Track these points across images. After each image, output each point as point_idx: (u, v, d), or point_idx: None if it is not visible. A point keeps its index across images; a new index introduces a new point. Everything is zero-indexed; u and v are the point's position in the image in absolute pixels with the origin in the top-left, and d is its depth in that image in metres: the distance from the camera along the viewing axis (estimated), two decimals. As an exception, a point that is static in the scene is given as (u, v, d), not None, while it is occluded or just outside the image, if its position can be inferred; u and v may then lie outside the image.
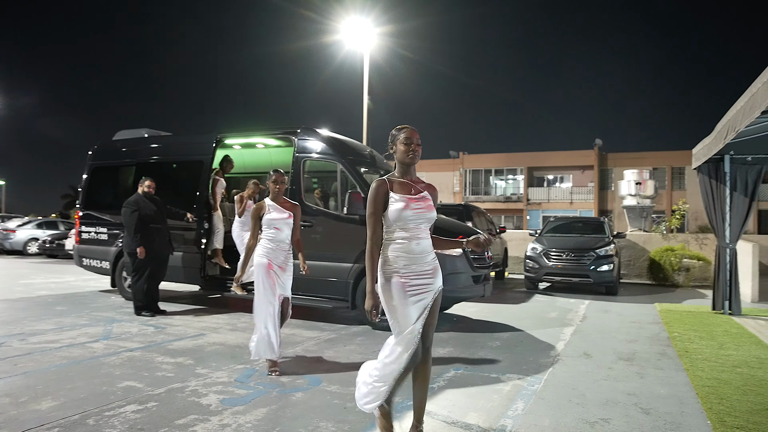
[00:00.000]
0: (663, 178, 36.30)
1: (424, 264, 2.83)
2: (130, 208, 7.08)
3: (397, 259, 2.79)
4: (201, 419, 3.37)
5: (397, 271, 2.78)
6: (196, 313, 7.48)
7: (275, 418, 3.42)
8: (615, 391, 4.14)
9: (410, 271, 2.79)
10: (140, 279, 7.11)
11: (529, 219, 38.96)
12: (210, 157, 8.03)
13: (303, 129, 7.34)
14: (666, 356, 5.33)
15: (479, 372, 4.65)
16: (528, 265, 11.05)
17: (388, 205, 2.81)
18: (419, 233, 2.83)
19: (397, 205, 2.79)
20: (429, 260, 2.87)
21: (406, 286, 2.77)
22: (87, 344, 5.39)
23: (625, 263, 13.21)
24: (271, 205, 4.62)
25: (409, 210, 2.79)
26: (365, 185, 6.78)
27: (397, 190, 2.85)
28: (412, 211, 2.79)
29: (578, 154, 39.07)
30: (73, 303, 8.13)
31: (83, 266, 9.19)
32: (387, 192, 2.83)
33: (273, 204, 4.63)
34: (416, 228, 2.82)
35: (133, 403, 3.64)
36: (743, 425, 3.36)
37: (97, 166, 9.42)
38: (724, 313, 7.77)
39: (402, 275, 2.77)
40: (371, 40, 18.44)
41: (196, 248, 7.88)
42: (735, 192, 7.63)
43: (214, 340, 5.74)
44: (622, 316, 7.91)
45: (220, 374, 4.40)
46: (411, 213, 2.79)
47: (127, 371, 4.43)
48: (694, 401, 3.90)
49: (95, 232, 8.97)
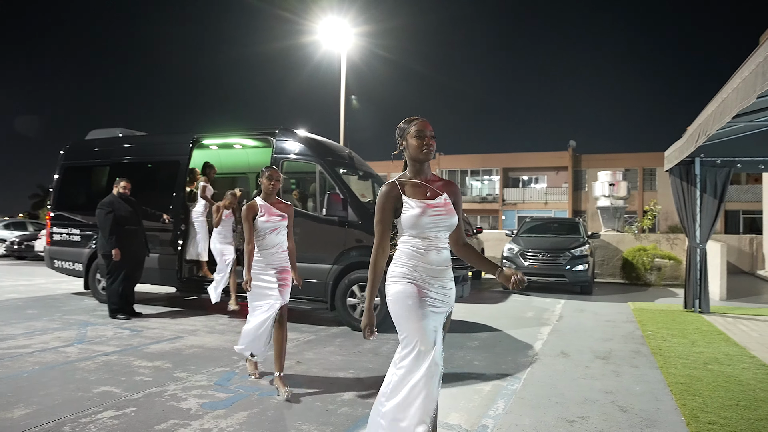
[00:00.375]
0: (635, 180, 37.04)
1: (444, 278, 2.47)
2: (105, 209, 6.95)
3: (415, 268, 2.42)
4: (181, 424, 3.33)
5: (415, 279, 2.42)
6: (173, 315, 7.38)
7: (257, 422, 3.40)
8: (593, 389, 4.22)
9: (429, 284, 2.43)
10: (115, 281, 6.98)
11: (505, 219, 39.37)
12: (186, 157, 7.92)
13: (281, 130, 7.30)
14: (640, 354, 5.44)
15: (459, 372, 4.69)
16: (505, 266, 11.14)
17: (401, 211, 2.45)
18: (438, 242, 2.46)
19: (413, 211, 2.42)
20: (449, 275, 2.50)
21: (425, 296, 2.41)
22: (60, 349, 5.27)
23: (599, 263, 13.44)
24: (262, 205, 4.20)
25: (426, 217, 2.42)
26: (344, 186, 6.78)
27: (411, 193, 2.47)
28: (430, 217, 2.42)
29: (553, 155, 39.63)
30: (44, 306, 7.94)
31: (54, 268, 8.99)
32: (399, 196, 2.45)
33: (265, 204, 4.21)
34: (435, 236, 2.45)
35: (111, 408, 3.58)
36: (716, 420, 3.45)
37: (69, 166, 9.21)
38: (694, 311, 7.97)
39: (420, 285, 2.41)
40: (348, 41, 18.43)
41: (172, 249, 7.77)
42: (705, 194, 7.83)
43: (192, 342, 5.67)
44: (597, 315, 8.05)
45: (200, 378, 4.35)
46: (429, 220, 2.42)
47: (103, 376, 4.34)
48: (668, 398, 3.99)
49: (67, 234, 8.77)
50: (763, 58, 3.46)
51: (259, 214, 4.14)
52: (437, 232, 2.46)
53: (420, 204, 2.44)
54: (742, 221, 35.14)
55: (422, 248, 2.44)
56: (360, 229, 6.53)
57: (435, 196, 2.49)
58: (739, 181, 35.50)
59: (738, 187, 35.01)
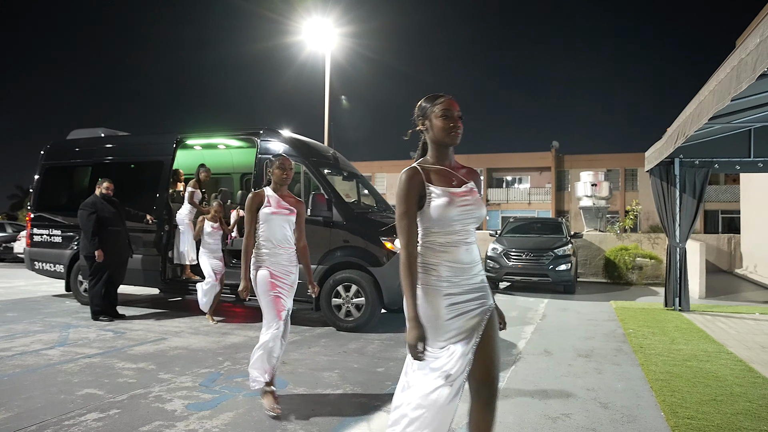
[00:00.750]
0: (617, 180, 37.54)
1: (473, 275, 2.14)
2: (88, 210, 6.89)
3: (440, 269, 2.09)
4: (166, 425, 3.32)
5: (439, 284, 2.08)
6: (157, 316, 7.32)
7: (243, 422, 3.40)
8: (575, 386, 4.28)
9: (456, 285, 2.09)
10: (98, 283, 6.92)
11: (489, 219, 39.62)
12: (170, 157, 7.88)
13: (265, 130, 7.30)
14: (622, 352, 5.53)
15: (444, 371, 4.72)
16: (489, 265, 11.24)
17: (425, 201, 2.11)
18: (468, 237, 2.15)
19: (440, 201, 2.09)
20: (478, 271, 2.17)
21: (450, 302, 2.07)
22: (42, 351, 5.21)
23: (581, 262, 13.60)
24: (271, 195, 3.79)
25: (454, 207, 2.09)
26: (329, 187, 6.79)
27: (437, 181, 2.14)
28: (459, 208, 2.10)
29: (536, 156, 40.00)
30: (24, 309, 7.84)
31: (35, 270, 8.87)
32: (423, 183, 2.11)
33: (274, 195, 3.80)
34: (464, 230, 2.13)
35: (94, 411, 3.56)
36: (693, 415, 3.53)
37: (50, 166, 9.09)
38: (674, 309, 8.11)
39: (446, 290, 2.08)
40: (333, 41, 18.43)
41: (155, 251, 7.72)
42: (684, 194, 7.98)
43: (177, 344, 5.64)
44: (580, 314, 8.15)
45: (184, 379, 4.34)
46: (458, 211, 2.10)
47: (87, 378, 4.31)
48: (648, 394, 4.07)
49: (48, 235, 8.66)
50: (738, 62, 3.55)
51: (265, 204, 3.75)
52: (466, 225, 2.14)
53: (447, 193, 2.11)
54: (721, 221, 35.78)
55: (449, 245, 2.11)
56: (345, 229, 6.55)
57: (461, 184, 2.18)
58: (718, 182, 36.18)
59: (717, 187, 35.67)
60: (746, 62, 3.36)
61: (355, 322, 6.45)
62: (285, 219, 3.77)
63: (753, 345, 5.77)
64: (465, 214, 2.13)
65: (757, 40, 3.20)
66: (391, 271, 6.38)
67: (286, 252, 3.77)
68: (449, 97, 2.19)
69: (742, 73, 3.44)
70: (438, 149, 2.21)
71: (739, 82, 3.52)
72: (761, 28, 3.22)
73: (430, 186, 2.12)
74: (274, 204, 3.75)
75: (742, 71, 3.42)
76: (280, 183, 3.84)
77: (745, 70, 3.37)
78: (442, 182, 2.15)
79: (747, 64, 3.34)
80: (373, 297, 6.37)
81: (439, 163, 2.21)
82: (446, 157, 2.22)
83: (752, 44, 3.30)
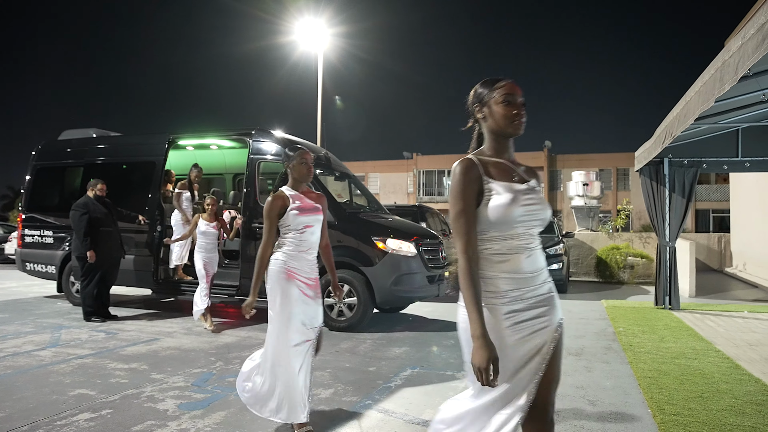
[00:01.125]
0: (609, 179, 37.76)
1: (538, 285, 1.84)
2: (80, 210, 6.88)
3: (498, 283, 1.78)
4: (158, 425, 3.34)
5: (499, 300, 1.78)
6: (149, 317, 7.33)
7: (234, 422, 3.43)
8: (564, 384, 4.33)
9: (519, 300, 1.79)
10: (90, 283, 6.91)
11: (482, 219, 39.71)
12: (162, 158, 7.88)
13: (257, 130, 7.32)
14: (612, 350, 5.59)
15: (435, 370, 4.77)
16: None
17: (482, 198, 1.81)
18: (531, 242, 1.84)
19: (501, 199, 1.78)
20: (542, 280, 1.86)
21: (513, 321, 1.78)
22: (33, 352, 5.21)
23: (573, 262, 13.68)
24: (293, 195, 3.27)
25: (518, 206, 1.79)
26: (320, 187, 6.82)
27: (497, 175, 1.84)
28: (522, 208, 1.80)
29: (528, 155, 40.11)
30: (16, 310, 7.82)
31: (26, 271, 8.84)
32: (480, 177, 1.81)
33: (295, 194, 3.29)
34: (527, 233, 1.83)
35: (86, 411, 3.57)
36: (680, 412, 3.59)
37: (41, 167, 9.07)
38: (664, 308, 8.19)
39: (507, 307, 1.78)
40: (325, 41, 18.45)
41: (148, 251, 7.72)
42: (674, 193, 8.05)
43: (169, 344, 5.65)
44: (571, 312, 8.21)
45: (177, 379, 4.36)
46: (521, 211, 1.80)
47: (79, 379, 4.32)
48: (636, 392, 4.13)
49: (40, 236, 8.64)
50: (721, 63, 3.61)
51: (291, 206, 3.20)
52: (530, 227, 1.83)
53: (509, 189, 1.81)
54: (712, 220, 36.07)
55: (509, 252, 1.80)
56: (337, 229, 6.58)
57: (522, 182, 1.88)
58: (709, 181, 36.46)
59: (708, 186, 35.96)
60: (729, 64, 3.42)
61: (347, 322, 6.48)
62: (315, 219, 3.29)
63: (740, 343, 5.84)
64: (529, 215, 1.82)
65: (739, 43, 3.26)
66: (383, 271, 6.42)
67: (312, 256, 3.30)
68: (510, 81, 1.90)
69: (725, 74, 3.50)
70: (497, 141, 1.91)
71: (722, 83, 3.58)
72: (744, 31, 3.27)
73: (489, 181, 1.81)
74: (299, 204, 3.23)
75: (725, 73, 3.48)
76: (302, 180, 3.33)
77: (727, 72, 3.43)
78: (503, 177, 1.84)
79: (729, 66, 3.40)
80: (365, 297, 6.41)
81: (497, 156, 1.90)
82: (506, 150, 1.92)
83: (735, 46, 3.36)
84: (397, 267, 6.47)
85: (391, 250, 6.49)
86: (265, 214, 3.19)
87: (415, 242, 6.69)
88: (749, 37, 3.17)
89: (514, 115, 1.84)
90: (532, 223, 1.83)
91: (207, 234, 6.60)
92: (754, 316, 7.73)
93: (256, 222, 6.96)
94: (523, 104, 1.87)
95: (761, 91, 4.23)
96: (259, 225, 6.95)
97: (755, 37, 3.05)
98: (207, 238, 6.61)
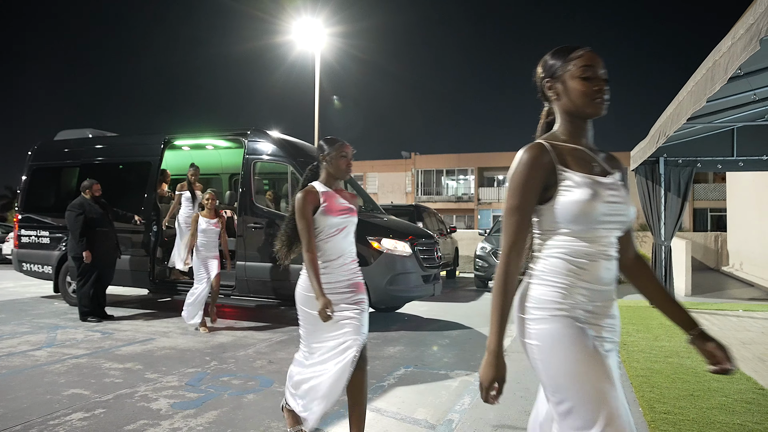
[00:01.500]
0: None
1: (612, 301, 1.55)
2: (75, 211, 6.90)
3: (572, 291, 1.48)
4: (151, 424, 3.36)
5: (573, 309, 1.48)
6: (146, 317, 7.34)
7: (227, 420, 3.44)
8: (556, 383, 4.34)
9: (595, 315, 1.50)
10: (86, 283, 6.92)
11: (480, 218, 39.78)
12: (158, 158, 7.90)
13: (253, 130, 7.33)
14: (605, 349, 5.61)
15: (428, 369, 4.79)
16: (478, 264, 11.33)
17: (554, 192, 1.50)
18: (611, 248, 1.53)
19: (579, 194, 1.47)
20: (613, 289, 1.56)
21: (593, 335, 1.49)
22: (29, 353, 5.22)
23: (570, 261, 13.70)
24: (325, 192, 2.86)
25: (600, 203, 1.48)
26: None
27: (574, 164, 1.53)
28: (605, 205, 1.49)
29: (527, 154, 40.10)
30: (12, 310, 7.82)
31: (23, 271, 8.85)
32: (553, 166, 1.50)
33: (327, 191, 2.88)
34: (607, 237, 1.52)
35: (80, 410, 3.58)
36: (670, 410, 3.60)
37: (37, 167, 9.08)
38: (659, 306, 8.21)
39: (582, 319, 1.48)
40: (322, 41, 18.45)
41: (144, 251, 7.73)
42: (669, 192, 8.08)
43: (164, 344, 5.67)
44: (566, 311, 8.23)
45: (171, 378, 4.37)
46: (605, 210, 1.48)
47: (73, 379, 4.33)
48: (628, 390, 4.14)
49: (36, 236, 8.65)
50: (712, 63, 3.63)
51: (321, 205, 2.81)
52: (611, 229, 1.52)
53: (590, 181, 1.50)
54: (709, 219, 36.09)
55: (587, 257, 1.49)
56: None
57: (605, 173, 1.56)
58: (707, 180, 36.49)
59: (705, 185, 35.98)
60: (719, 64, 3.44)
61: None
62: (348, 221, 2.88)
63: (734, 341, 5.86)
64: (613, 214, 1.51)
65: (729, 43, 3.28)
66: (378, 271, 6.43)
67: (349, 265, 2.87)
68: (589, 50, 1.56)
69: (716, 74, 3.52)
70: (573, 123, 1.59)
71: (713, 83, 3.60)
72: (734, 31, 3.30)
73: (564, 171, 1.51)
74: (331, 204, 2.83)
75: (716, 73, 3.50)
76: (338, 176, 2.91)
77: (718, 72, 3.45)
78: (582, 167, 1.53)
79: (720, 66, 3.42)
80: (360, 296, 6.41)
81: (573, 141, 1.58)
82: (583, 134, 1.60)
83: (725, 47, 3.38)
84: (392, 266, 6.49)
85: (386, 250, 6.51)
86: (298, 212, 2.79)
87: (410, 242, 6.71)
88: (738, 37, 3.19)
89: (594, 92, 1.53)
90: (613, 225, 1.52)
91: (207, 232, 6.31)
92: (748, 314, 7.76)
93: (252, 222, 6.98)
94: (605, 79, 1.55)
95: (752, 92, 4.26)
96: (255, 225, 6.97)
97: (744, 37, 3.07)
98: (207, 236, 6.31)
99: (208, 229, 6.31)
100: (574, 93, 1.54)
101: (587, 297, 1.49)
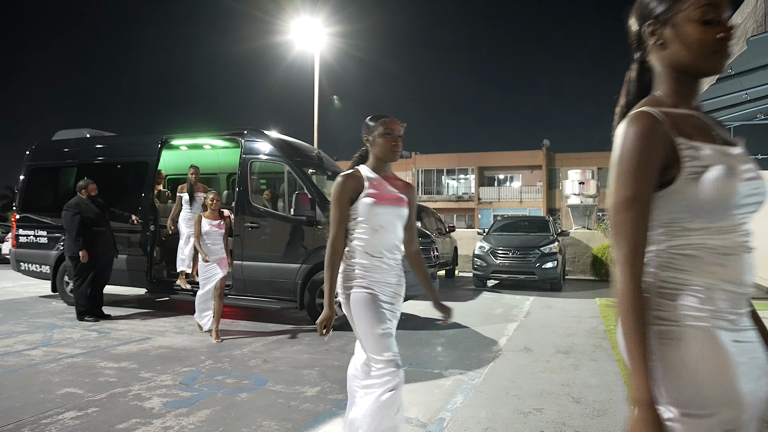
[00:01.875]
0: (607, 178, 37.71)
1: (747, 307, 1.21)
2: (72, 211, 6.91)
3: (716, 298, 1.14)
4: (143, 422, 3.36)
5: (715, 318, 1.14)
6: (143, 316, 7.35)
7: (219, 419, 3.45)
8: (551, 382, 4.35)
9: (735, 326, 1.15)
10: (83, 283, 6.94)
11: (481, 218, 39.75)
12: (155, 158, 7.91)
13: (250, 130, 7.34)
14: (601, 348, 5.61)
15: (423, 368, 4.79)
16: (476, 264, 11.33)
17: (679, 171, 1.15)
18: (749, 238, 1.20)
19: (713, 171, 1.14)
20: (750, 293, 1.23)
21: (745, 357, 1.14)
22: (24, 352, 5.23)
23: (570, 260, 13.70)
24: (373, 178, 2.48)
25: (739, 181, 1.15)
26: (312, 186, 6.84)
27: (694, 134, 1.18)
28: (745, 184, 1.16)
29: (527, 154, 40.12)
30: (9, 309, 7.84)
31: (21, 271, 8.86)
32: (669, 140, 1.15)
33: (376, 177, 2.49)
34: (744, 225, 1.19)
35: (72, 409, 3.59)
36: (663, 410, 3.61)
37: (35, 167, 9.09)
38: (657, 306, 8.21)
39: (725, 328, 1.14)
40: (321, 41, 18.45)
41: (141, 251, 7.74)
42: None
43: (160, 343, 5.68)
44: (564, 311, 8.23)
45: (165, 377, 4.38)
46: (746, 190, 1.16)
47: (67, 378, 4.34)
48: (621, 389, 4.15)
49: (34, 236, 8.67)
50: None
51: (365, 192, 2.42)
52: (749, 213, 1.19)
53: (723, 155, 1.17)
54: (710, 218, 36.02)
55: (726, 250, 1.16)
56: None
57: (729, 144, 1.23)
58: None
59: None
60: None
61: (338, 321, 6.49)
62: (396, 213, 2.47)
63: (729, 340, 5.86)
64: (753, 194, 1.17)
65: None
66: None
67: (395, 263, 2.52)
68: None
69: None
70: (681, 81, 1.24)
71: (705, 83, 3.60)
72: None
73: (685, 143, 1.15)
74: (378, 190, 2.44)
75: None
76: (385, 158, 2.49)
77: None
78: (703, 137, 1.19)
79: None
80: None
81: (683, 105, 1.23)
82: (693, 95, 1.26)
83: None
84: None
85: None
86: (333, 197, 2.42)
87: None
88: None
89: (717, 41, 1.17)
90: (752, 209, 1.19)
91: (210, 234, 5.95)
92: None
93: (249, 221, 6.98)
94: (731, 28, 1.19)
95: (744, 92, 4.26)
96: (251, 224, 6.98)
97: (735, 36, 3.07)
98: (210, 239, 5.96)
99: (211, 231, 5.95)
100: (691, 41, 1.18)
101: (730, 301, 1.15)
